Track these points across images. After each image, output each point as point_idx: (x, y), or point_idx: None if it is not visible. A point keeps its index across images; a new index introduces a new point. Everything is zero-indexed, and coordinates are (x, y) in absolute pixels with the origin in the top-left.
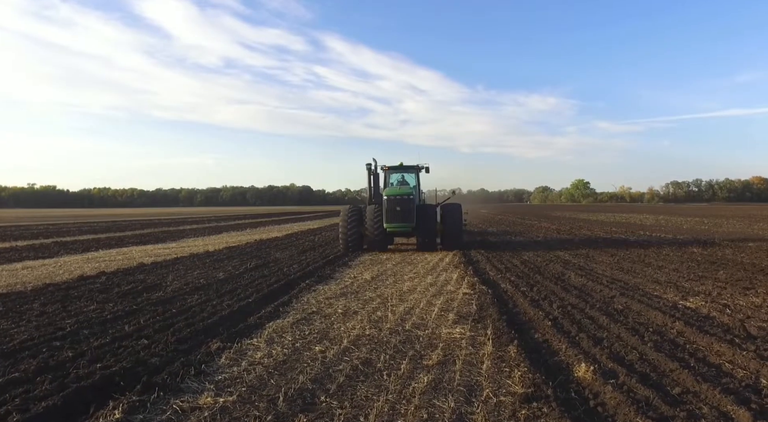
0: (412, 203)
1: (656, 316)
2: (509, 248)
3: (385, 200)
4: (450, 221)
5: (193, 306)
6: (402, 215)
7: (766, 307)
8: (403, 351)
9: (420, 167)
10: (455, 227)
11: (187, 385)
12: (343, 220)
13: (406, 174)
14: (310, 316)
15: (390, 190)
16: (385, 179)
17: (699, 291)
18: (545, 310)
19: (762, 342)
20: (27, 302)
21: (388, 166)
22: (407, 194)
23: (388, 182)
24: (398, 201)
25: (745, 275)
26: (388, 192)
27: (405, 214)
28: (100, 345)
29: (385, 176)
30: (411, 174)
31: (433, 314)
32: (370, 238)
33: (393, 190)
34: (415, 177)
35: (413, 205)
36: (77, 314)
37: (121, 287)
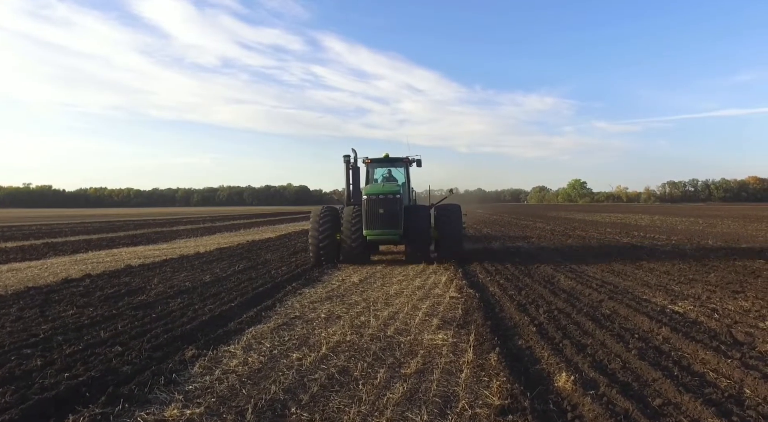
0: (399, 203)
1: (643, 321)
2: (502, 249)
3: (364, 201)
4: (447, 226)
5: (174, 311)
6: (386, 218)
7: (755, 312)
8: (382, 359)
9: (410, 160)
10: (453, 233)
11: (155, 396)
12: (313, 225)
13: (394, 168)
14: (292, 321)
15: (371, 187)
16: (367, 174)
17: (688, 295)
18: (531, 315)
19: (748, 349)
20: (5, 306)
21: (371, 158)
22: (392, 192)
23: (371, 179)
24: (381, 202)
25: (736, 278)
26: (368, 190)
27: (390, 218)
28: (71, 353)
29: (368, 171)
30: (399, 168)
31: (417, 319)
32: (347, 248)
33: (375, 187)
34: (404, 172)
35: (400, 206)
36: (54, 319)
37: (104, 290)
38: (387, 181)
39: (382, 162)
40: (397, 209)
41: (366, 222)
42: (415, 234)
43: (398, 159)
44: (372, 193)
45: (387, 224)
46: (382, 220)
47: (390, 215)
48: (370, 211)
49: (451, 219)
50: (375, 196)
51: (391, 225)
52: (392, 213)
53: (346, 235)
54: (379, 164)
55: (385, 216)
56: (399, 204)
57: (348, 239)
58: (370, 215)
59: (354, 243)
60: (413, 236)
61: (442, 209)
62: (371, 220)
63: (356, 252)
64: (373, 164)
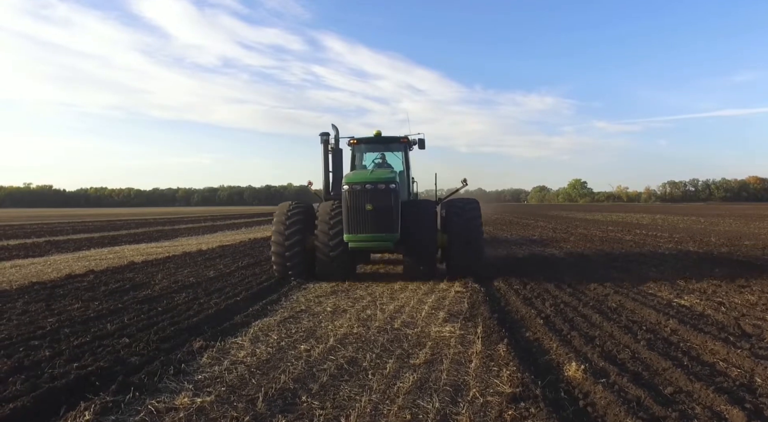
0: (394, 196)
1: (650, 314)
2: (504, 245)
3: (345, 192)
4: (460, 229)
5: (180, 304)
6: (376, 217)
7: (762, 305)
8: (390, 350)
9: (411, 141)
10: (470, 238)
11: (165, 385)
12: (277, 226)
13: (388, 152)
14: (298, 314)
15: (355, 174)
16: (353, 160)
17: (694, 289)
18: (537, 308)
19: (757, 340)
20: (10, 300)
21: (357, 138)
22: (385, 180)
23: (359, 165)
24: (369, 193)
25: (741, 273)
26: (351, 178)
27: (381, 216)
28: (79, 344)
29: (354, 156)
30: (396, 152)
31: (423, 312)
32: (323, 259)
33: (360, 174)
34: (401, 157)
35: (396, 200)
36: (60, 313)
37: (108, 285)
38: (379, 167)
39: (373, 143)
40: (391, 203)
41: (348, 223)
42: (416, 240)
43: (394, 139)
44: (355, 181)
45: (377, 226)
46: (370, 220)
47: (381, 212)
48: (354, 207)
49: (466, 219)
50: (360, 185)
51: (382, 227)
52: (384, 210)
53: (321, 241)
54: (369, 147)
55: (374, 214)
56: (394, 197)
57: (324, 247)
58: (353, 213)
59: (332, 252)
60: (413, 242)
61: (454, 205)
62: (355, 220)
63: (336, 265)
64: (360, 145)
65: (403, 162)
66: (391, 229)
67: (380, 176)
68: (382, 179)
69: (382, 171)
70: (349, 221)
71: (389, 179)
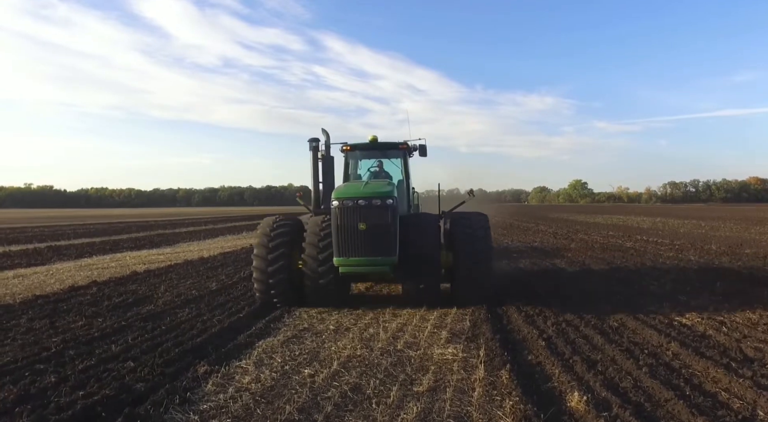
0: (392, 213)
1: (651, 335)
2: (505, 254)
3: (335, 209)
4: (467, 248)
5: (183, 322)
6: (370, 239)
7: (763, 325)
8: (394, 375)
9: (410, 147)
10: (478, 259)
11: (171, 416)
12: (259, 247)
13: (386, 159)
14: (301, 333)
15: (346, 188)
16: (346, 168)
17: (695, 306)
18: (539, 327)
19: (759, 366)
20: (15, 316)
21: (351, 144)
22: (380, 194)
23: (353, 174)
24: (362, 211)
25: (742, 288)
26: (340, 192)
27: (377, 237)
28: (84, 369)
29: (347, 163)
30: (394, 160)
31: (425, 331)
32: (312, 285)
33: (351, 188)
34: (400, 165)
35: (394, 218)
36: (64, 331)
37: (111, 299)
38: (375, 177)
39: (368, 150)
40: (388, 222)
41: (338, 245)
42: (418, 261)
43: (391, 146)
44: (346, 196)
45: (371, 248)
46: (363, 241)
47: (376, 232)
48: (344, 226)
49: (474, 236)
50: (352, 201)
51: (378, 249)
52: (380, 230)
53: (309, 266)
54: (365, 153)
55: (368, 235)
56: (391, 215)
57: (312, 271)
58: (343, 233)
59: (322, 279)
60: (414, 264)
61: (461, 219)
62: (346, 241)
63: (327, 291)
64: (354, 152)
65: (402, 170)
66: (388, 252)
67: (375, 190)
68: (377, 194)
69: (377, 184)
70: (340, 243)
71: (386, 193)
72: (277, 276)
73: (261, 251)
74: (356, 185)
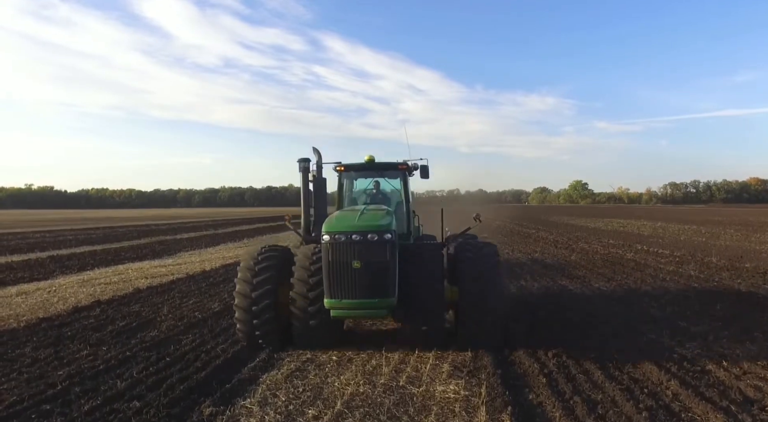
0: (391, 250)
1: (652, 371)
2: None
3: (325, 244)
4: (474, 285)
5: (188, 352)
6: (366, 278)
7: (763, 358)
8: (397, 416)
9: (410, 167)
10: (488, 298)
11: None
12: (241, 284)
13: (383, 179)
14: (304, 366)
15: (338, 219)
16: (340, 189)
17: (695, 334)
18: (541, 360)
19: (758, 410)
20: (20, 344)
21: (345, 164)
22: (378, 228)
23: (347, 197)
24: (357, 246)
25: (741, 311)
26: (331, 225)
27: (374, 277)
28: (91, 409)
29: (341, 184)
30: (393, 180)
31: (428, 364)
32: (301, 326)
33: (345, 219)
34: (400, 186)
35: (392, 254)
36: (70, 362)
37: (115, 323)
38: (373, 200)
39: (364, 171)
40: (386, 259)
41: (329, 285)
42: (419, 299)
43: (390, 166)
44: (338, 230)
45: (367, 289)
46: (357, 281)
47: (373, 271)
48: (336, 264)
49: (482, 270)
50: (345, 235)
51: (374, 291)
52: (377, 268)
53: (298, 303)
54: (360, 174)
55: (363, 274)
56: (390, 251)
57: (301, 311)
58: (335, 272)
59: (313, 320)
60: (415, 302)
61: (467, 249)
62: (338, 281)
63: (317, 334)
64: (349, 172)
65: (402, 193)
66: (386, 293)
67: (371, 222)
68: (374, 228)
69: (373, 214)
70: (331, 283)
71: (383, 227)
72: (262, 316)
73: (243, 288)
74: (349, 216)
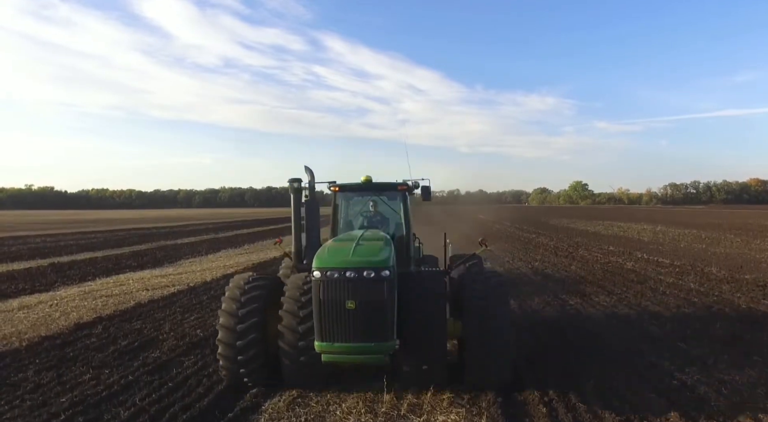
0: (389, 288)
1: (652, 400)
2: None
3: (316, 281)
4: (480, 320)
5: (190, 377)
6: (362, 320)
7: (762, 385)
8: None
9: (409, 187)
10: (495, 335)
11: None
12: (226, 315)
13: (381, 199)
14: (305, 393)
15: (330, 252)
16: (335, 210)
17: (695, 357)
18: (541, 388)
19: None
20: (22, 367)
21: (340, 185)
22: (376, 265)
23: (343, 219)
24: (352, 285)
25: (742, 333)
26: (323, 260)
27: (370, 319)
28: None
29: (336, 205)
30: (392, 201)
31: (429, 392)
32: (291, 362)
33: (337, 252)
34: (399, 208)
35: (391, 293)
36: (72, 387)
37: (117, 342)
38: (370, 223)
39: (360, 192)
40: (383, 297)
41: (320, 327)
42: (419, 335)
43: (388, 186)
44: (329, 265)
45: (363, 333)
46: (352, 323)
47: (369, 313)
48: (328, 303)
49: (491, 306)
50: (337, 272)
51: (371, 334)
52: (374, 310)
53: (287, 338)
54: (356, 193)
55: (359, 316)
56: (387, 289)
57: (290, 347)
58: (327, 313)
59: (303, 357)
60: (414, 339)
61: (472, 280)
62: (330, 322)
63: (308, 372)
64: (344, 193)
65: (402, 214)
66: (384, 336)
67: (368, 257)
68: (370, 264)
69: (370, 246)
70: (322, 324)
71: (381, 263)
72: (247, 352)
73: (228, 321)
74: (343, 249)
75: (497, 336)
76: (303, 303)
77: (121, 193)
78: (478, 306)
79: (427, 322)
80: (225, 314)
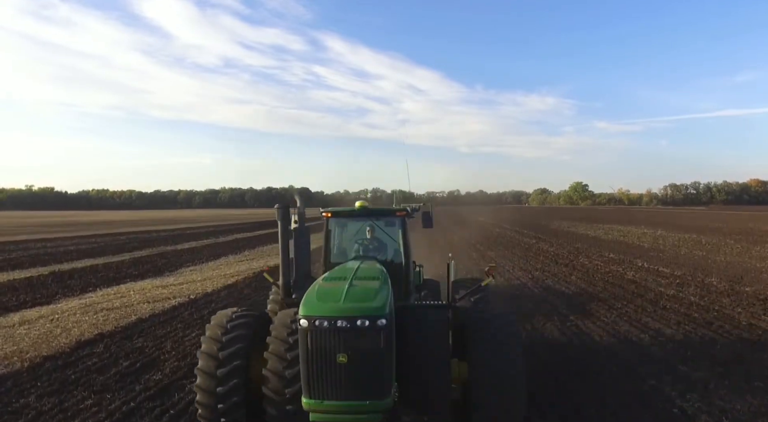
0: (385, 339)
1: None
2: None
3: (303, 330)
4: (489, 360)
5: (191, 403)
6: (354, 375)
7: (763, 414)
8: None
9: (408, 210)
10: (504, 377)
11: None
12: (205, 357)
13: (378, 223)
14: None
15: (319, 297)
16: (327, 237)
17: (696, 381)
18: (542, 412)
19: None
20: (23, 392)
21: (333, 210)
22: (370, 312)
23: (336, 246)
24: (343, 336)
25: (742, 351)
26: (311, 306)
27: (364, 373)
28: None
29: (329, 231)
30: (390, 227)
31: None
32: (276, 411)
33: (327, 298)
34: (397, 235)
35: (388, 344)
36: (74, 415)
37: (118, 364)
38: (365, 253)
39: (354, 217)
40: (379, 350)
41: (308, 382)
42: (419, 379)
43: (386, 212)
44: (318, 314)
45: (356, 389)
46: (344, 379)
47: (363, 367)
48: (317, 356)
49: (501, 350)
50: (327, 321)
51: (365, 391)
52: (369, 363)
53: (272, 383)
54: (349, 219)
55: (351, 371)
56: (384, 340)
57: (275, 393)
58: (315, 366)
59: (290, 406)
60: (414, 385)
61: (478, 321)
62: (319, 377)
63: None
64: (337, 218)
65: (401, 242)
66: (379, 393)
67: (362, 303)
68: (365, 312)
69: (365, 289)
70: (310, 379)
71: (377, 310)
72: (228, 400)
73: (207, 364)
74: (333, 293)
75: (510, 380)
76: (291, 345)
77: (121, 193)
78: (488, 350)
79: (428, 365)
80: (204, 357)
